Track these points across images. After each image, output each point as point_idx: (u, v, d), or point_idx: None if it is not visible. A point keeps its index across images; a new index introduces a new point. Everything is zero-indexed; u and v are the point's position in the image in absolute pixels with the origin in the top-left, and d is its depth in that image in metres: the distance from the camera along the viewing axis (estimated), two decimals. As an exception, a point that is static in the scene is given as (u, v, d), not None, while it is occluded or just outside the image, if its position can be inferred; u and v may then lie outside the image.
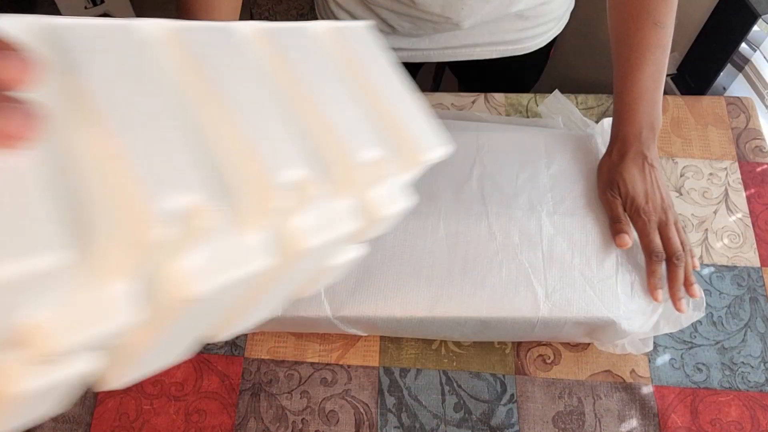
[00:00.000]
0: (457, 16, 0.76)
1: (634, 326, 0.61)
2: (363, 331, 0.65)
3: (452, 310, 0.62)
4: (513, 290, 0.62)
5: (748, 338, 0.67)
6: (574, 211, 0.66)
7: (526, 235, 0.64)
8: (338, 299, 0.62)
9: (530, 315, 0.61)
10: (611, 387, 0.65)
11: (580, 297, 0.61)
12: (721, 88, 1.19)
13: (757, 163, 0.77)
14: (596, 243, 0.64)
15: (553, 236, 0.64)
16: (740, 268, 0.71)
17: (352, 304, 0.62)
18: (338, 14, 0.83)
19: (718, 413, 0.63)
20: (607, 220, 0.65)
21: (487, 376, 0.66)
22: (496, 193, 0.67)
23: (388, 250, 0.64)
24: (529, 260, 0.63)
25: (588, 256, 0.63)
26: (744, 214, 0.74)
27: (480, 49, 0.86)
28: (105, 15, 1.59)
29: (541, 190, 0.67)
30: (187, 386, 0.65)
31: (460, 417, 0.64)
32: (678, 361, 0.66)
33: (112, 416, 0.64)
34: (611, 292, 0.61)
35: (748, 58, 1.11)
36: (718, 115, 0.81)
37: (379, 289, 0.62)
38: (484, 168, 0.69)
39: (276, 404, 0.64)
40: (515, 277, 0.62)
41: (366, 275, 0.63)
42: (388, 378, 0.65)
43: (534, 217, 0.65)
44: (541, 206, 0.66)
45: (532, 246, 0.64)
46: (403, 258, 0.64)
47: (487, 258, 0.63)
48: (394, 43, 0.84)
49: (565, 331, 0.63)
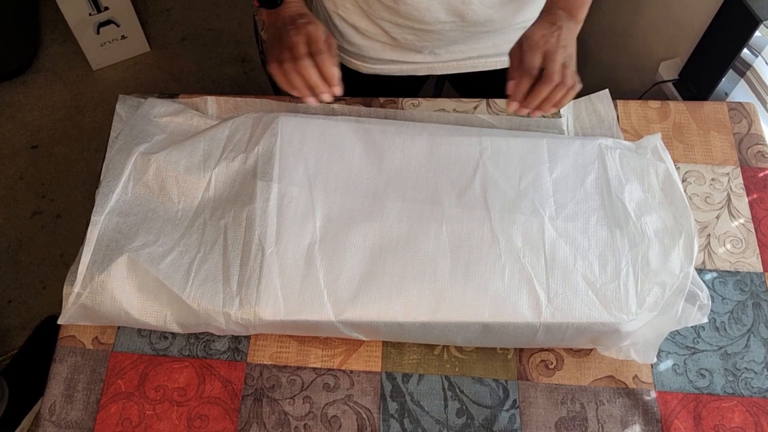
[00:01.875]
0: (461, 20, 0.76)
1: (637, 327, 0.61)
2: (365, 336, 0.65)
3: (454, 315, 0.62)
4: (515, 294, 0.62)
5: (751, 344, 0.67)
6: (577, 216, 0.66)
7: (529, 240, 0.64)
8: (341, 303, 0.62)
9: (532, 320, 0.61)
10: (614, 392, 0.65)
11: (582, 301, 0.61)
12: (723, 94, 1.19)
13: (759, 168, 0.77)
14: (599, 247, 0.64)
15: (556, 240, 0.64)
16: (743, 273, 0.71)
17: (355, 307, 0.62)
18: (342, 27, 0.83)
19: (721, 419, 0.63)
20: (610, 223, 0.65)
21: (490, 382, 0.65)
22: (499, 197, 0.67)
23: (391, 254, 0.64)
24: (531, 264, 0.63)
25: (590, 261, 0.63)
26: (746, 220, 0.74)
27: (484, 60, 0.86)
28: (110, 22, 1.60)
29: (543, 194, 0.67)
30: (190, 391, 0.65)
31: (462, 422, 0.63)
32: (681, 366, 0.66)
33: (115, 421, 0.64)
34: (614, 297, 0.61)
35: (749, 63, 1.11)
36: (720, 120, 0.81)
37: (381, 293, 0.63)
38: (486, 172, 0.69)
39: (278, 409, 0.64)
40: (517, 282, 0.62)
41: (369, 279, 0.63)
42: (391, 383, 0.65)
43: (536, 221, 0.65)
44: (543, 210, 0.66)
45: (535, 250, 0.64)
46: (405, 262, 0.64)
47: (490, 262, 0.63)
48: (398, 56, 0.84)
49: (567, 336, 0.63)
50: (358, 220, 0.66)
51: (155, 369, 0.66)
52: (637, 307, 0.61)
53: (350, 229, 0.66)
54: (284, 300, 0.63)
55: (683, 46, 1.28)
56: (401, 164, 0.70)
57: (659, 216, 0.67)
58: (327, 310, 0.62)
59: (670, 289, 0.63)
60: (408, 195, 0.68)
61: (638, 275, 0.63)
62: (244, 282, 0.63)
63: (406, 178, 0.69)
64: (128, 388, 0.65)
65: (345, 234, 0.65)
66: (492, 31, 0.80)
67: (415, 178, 0.69)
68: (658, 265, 0.64)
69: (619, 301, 0.61)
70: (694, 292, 0.64)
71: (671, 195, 0.69)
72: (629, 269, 0.63)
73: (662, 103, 0.83)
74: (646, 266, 0.63)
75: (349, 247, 0.65)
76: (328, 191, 0.68)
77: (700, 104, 0.83)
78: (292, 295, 0.63)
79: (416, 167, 0.70)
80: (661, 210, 0.68)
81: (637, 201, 0.68)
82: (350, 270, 0.64)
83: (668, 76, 1.32)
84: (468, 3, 0.74)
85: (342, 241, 0.65)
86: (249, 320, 0.63)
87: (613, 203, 0.67)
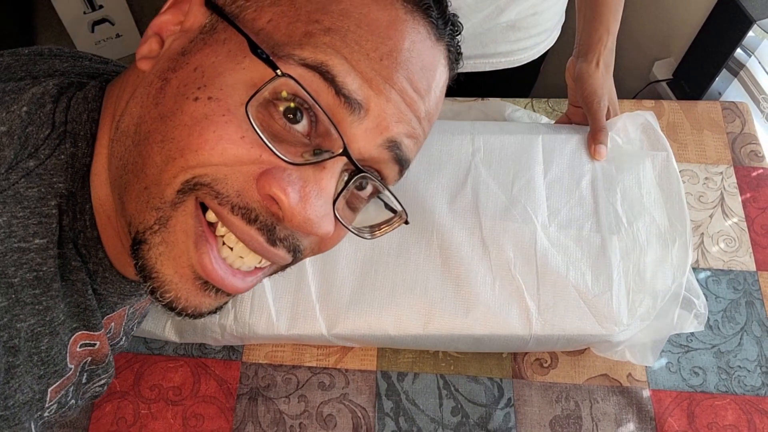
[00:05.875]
0: None
1: (628, 336, 0.61)
2: (359, 345, 0.66)
3: (445, 328, 0.61)
4: (506, 307, 0.61)
5: (744, 342, 0.67)
6: (570, 223, 0.64)
7: (520, 249, 0.62)
8: (333, 316, 0.61)
9: (522, 332, 0.60)
10: (608, 391, 0.65)
11: (573, 313, 0.60)
12: (717, 93, 1.20)
13: (752, 168, 0.78)
14: (591, 256, 0.62)
15: (548, 249, 0.62)
16: (736, 272, 0.71)
17: (346, 321, 0.61)
18: None
19: (714, 417, 0.64)
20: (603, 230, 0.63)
21: (485, 380, 0.66)
22: (491, 203, 0.65)
23: (382, 265, 0.63)
24: (522, 275, 0.61)
25: (583, 271, 0.62)
26: (740, 219, 0.74)
27: (473, 62, 0.86)
28: (104, 20, 1.59)
29: (536, 200, 0.65)
30: (185, 390, 0.65)
31: (457, 421, 0.64)
32: (675, 365, 0.66)
33: (110, 420, 0.64)
34: (606, 309, 0.60)
35: (743, 63, 1.11)
36: (713, 120, 0.81)
37: (372, 306, 0.61)
38: (479, 175, 0.66)
39: (274, 408, 0.64)
40: (508, 294, 0.61)
41: (360, 291, 0.62)
42: (386, 382, 0.66)
43: (528, 229, 0.63)
44: (536, 217, 0.64)
45: (526, 260, 0.62)
46: (396, 273, 0.62)
47: (481, 274, 0.62)
48: None
49: (559, 345, 0.63)
50: None
51: (150, 368, 0.66)
52: (629, 318, 0.60)
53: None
54: (277, 314, 0.62)
55: (677, 46, 1.29)
56: None
57: (653, 219, 0.65)
58: (319, 324, 0.61)
59: (662, 300, 0.62)
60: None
61: (630, 286, 0.62)
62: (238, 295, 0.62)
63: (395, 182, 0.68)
64: (123, 387, 0.65)
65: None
66: (479, 32, 0.80)
67: (405, 183, 0.65)
68: (650, 275, 0.62)
69: (611, 312, 0.60)
70: (690, 300, 0.63)
71: (668, 189, 0.67)
72: (621, 279, 0.61)
73: (656, 102, 0.83)
74: (637, 277, 0.62)
75: (340, 259, 0.63)
76: None
77: (694, 104, 0.83)
78: (285, 309, 0.62)
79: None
80: (656, 210, 0.66)
81: (631, 201, 0.66)
82: (342, 282, 0.62)
83: (662, 76, 1.33)
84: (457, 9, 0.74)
85: (333, 252, 0.62)
86: (244, 333, 0.62)
87: (607, 207, 0.65)
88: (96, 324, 0.44)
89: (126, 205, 0.38)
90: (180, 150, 0.35)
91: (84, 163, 0.40)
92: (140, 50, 0.40)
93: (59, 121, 0.40)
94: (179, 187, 0.36)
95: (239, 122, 0.35)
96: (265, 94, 0.35)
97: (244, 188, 0.36)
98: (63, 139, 0.39)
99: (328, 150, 0.37)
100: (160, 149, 0.36)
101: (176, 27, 0.40)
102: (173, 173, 0.35)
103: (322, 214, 0.36)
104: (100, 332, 0.45)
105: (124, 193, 0.38)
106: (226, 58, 0.36)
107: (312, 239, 0.41)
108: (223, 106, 0.35)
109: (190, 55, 0.37)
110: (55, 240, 0.38)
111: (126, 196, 0.38)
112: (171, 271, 0.37)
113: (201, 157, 0.35)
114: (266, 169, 0.36)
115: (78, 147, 0.40)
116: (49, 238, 0.38)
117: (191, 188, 0.36)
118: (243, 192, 0.36)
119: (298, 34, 0.36)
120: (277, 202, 0.36)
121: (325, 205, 0.37)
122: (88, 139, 0.41)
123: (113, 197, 0.40)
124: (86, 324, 0.43)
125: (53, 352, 0.40)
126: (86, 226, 0.41)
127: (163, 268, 0.37)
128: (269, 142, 0.35)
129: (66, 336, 0.42)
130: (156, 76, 0.38)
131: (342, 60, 0.36)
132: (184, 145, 0.35)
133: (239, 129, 0.35)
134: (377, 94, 0.37)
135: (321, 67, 0.35)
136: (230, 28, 0.37)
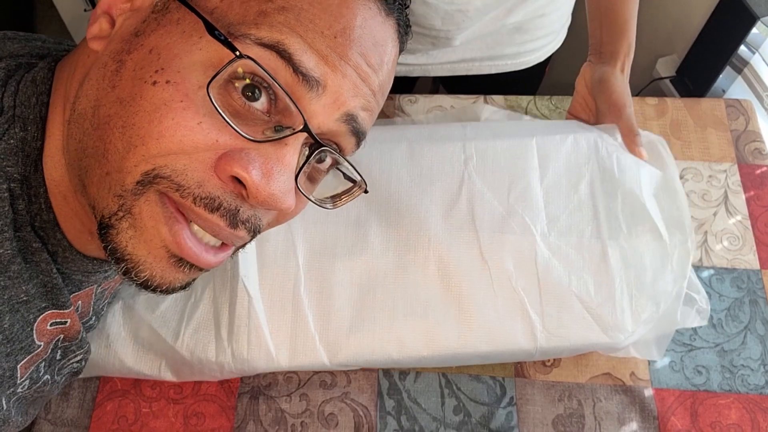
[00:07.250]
0: (457, 28, 0.76)
1: (633, 341, 0.61)
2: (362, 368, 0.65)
3: (448, 348, 0.60)
4: (509, 323, 0.60)
5: (747, 341, 0.67)
6: (570, 230, 0.62)
7: (520, 261, 0.61)
8: (333, 345, 0.60)
9: (528, 347, 0.60)
10: (611, 390, 0.65)
11: (578, 324, 0.59)
12: (720, 91, 1.19)
13: (756, 165, 0.77)
14: (594, 263, 0.61)
15: (549, 259, 0.61)
16: (740, 270, 0.71)
17: (348, 348, 0.60)
18: None
19: (718, 416, 0.63)
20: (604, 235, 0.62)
21: (487, 379, 0.65)
22: (487, 215, 0.62)
23: (380, 288, 0.61)
24: (524, 288, 0.60)
25: (585, 280, 0.60)
26: (743, 217, 0.74)
27: (478, 64, 0.85)
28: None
29: (534, 208, 0.62)
30: (186, 389, 0.65)
31: (459, 420, 0.63)
32: (678, 363, 0.66)
33: (111, 419, 0.64)
34: (611, 317, 0.59)
35: (747, 60, 1.11)
36: (717, 117, 0.81)
37: (373, 330, 0.60)
38: (473, 186, 0.63)
39: (275, 407, 0.64)
40: (510, 309, 0.60)
41: (360, 317, 0.61)
42: (388, 381, 0.65)
43: (527, 241, 0.61)
44: (535, 227, 0.62)
45: (527, 272, 0.60)
46: (396, 295, 0.61)
47: (481, 290, 0.60)
48: None
49: (565, 354, 0.63)
50: (342, 254, 0.62)
51: (151, 367, 0.66)
52: (633, 325, 0.60)
53: (335, 264, 0.62)
54: (276, 349, 0.60)
55: (681, 43, 1.28)
56: (380, 183, 0.64)
57: (654, 224, 0.64)
58: (320, 354, 0.60)
59: (665, 303, 0.61)
60: (392, 220, 0.63)
61: (632, 292, 0.61)
62: (234, 330, 0.60)
63: (388, 199, 0.64)
64: (124, 386, 0.65)
65: (330, 270, 0.61)
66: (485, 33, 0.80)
67: (397, 200, 0.64)
68: (651, 282, 0.62)
69: (615, 321, 0.59)
70: (692, 297, 0.63)
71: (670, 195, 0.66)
72: (623, 287, 0.60)
73: (659, 99, 0.83)
74: (638, 283, 0.61)
75: (336, 285, 0.61)
76: (307, 223, 0.63)
77: (698, 101, 0.83)
78: (283, 343, 0.60)
79: (397, 186, 0.64)
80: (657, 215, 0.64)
81: (632, 206, 0.64)
82: (340, 309, 0.60)
83: (665, 73, 1.32)
84: (465, 12, 0.73)
85: (328, 278, 0.61)
86: (243, 370, 0.61)
87: (607, 211, 0.63)
88: (65, 302, 0.45)
89: (88, 188, 0.38)
90: (141, 137, 0.35)
91: (35, 146, 0.40)
92: (90, 30, 0.40)
93: (8, 106, 0.40)
94: (139, 178, 0.36)
95: (197, 107, 0.35)
96: (224, 75, 0.36)
97: (204, 178, 0.36)
98: (12, 124, 0.40)
99: (289, 126, 0.38)
100: (121, 135, 0.36)
101: (126, 5, 0.40)
102: (135, 162, 0.36)
103: (285, 189, 0.37)
104: (70, 310, 0.46)
105: (85, 176, 0.38)
106: (180, 38, 0.36)
107: (272, 214, 0.41)
108: (181, 91, 0.35)
109: (144, 36, 0.37)
110: (9, 223, 0.39)
111: (87, 179, 0.38)
112: (144, 252, 0.37)
113: (162, 145, 0.35)
114: (223, 153, 0.36)
115: (28, 131, 0.40)
116: (3, 221, 0.39)
117: (150, 181, 0.36)
118: (203, 182, 0.36)
119: (252, 13, 0.36)
120: (240, 180, 0.36)
121: (288, 180, 0.38)
122: (38, 122, 0.41)
123: (70, 178, 0.40)
124: (55, 302, 0.44)
125: (15, 329, 0.41)
126: (41, 209, 0.41)
127: (135, 250, 0.37)
128: (231, 121, 0.35)
129: (31, 315, 0.42)
130: (110, 58, 0.38)
131: (298, 38, 0.36)
132: (144, 132, 0.35)
133: (196, 115, 0.35)
134: (333, 70, 0.38)
135: (278, 46, 0.36)
136: (183, 8, 0.37)
